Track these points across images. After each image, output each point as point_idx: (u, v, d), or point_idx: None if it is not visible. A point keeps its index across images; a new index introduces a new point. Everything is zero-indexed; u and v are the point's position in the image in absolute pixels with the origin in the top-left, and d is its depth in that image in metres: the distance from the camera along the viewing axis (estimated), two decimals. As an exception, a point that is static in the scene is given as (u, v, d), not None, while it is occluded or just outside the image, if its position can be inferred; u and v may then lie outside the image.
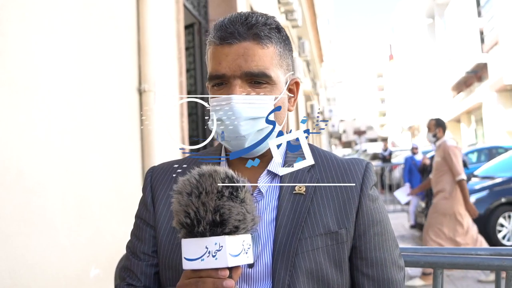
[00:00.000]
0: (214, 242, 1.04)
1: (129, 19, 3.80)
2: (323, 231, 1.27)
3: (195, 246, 1.06)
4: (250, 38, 1.26)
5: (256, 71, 1.25)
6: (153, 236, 1.36)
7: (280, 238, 1.25)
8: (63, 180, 2.75)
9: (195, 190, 1.07)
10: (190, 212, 1.06)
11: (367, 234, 1.31)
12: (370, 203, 1.33)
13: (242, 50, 1.25)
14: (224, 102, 1.25)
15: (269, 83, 1.27)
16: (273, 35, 1.30)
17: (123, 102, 3.62)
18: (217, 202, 1.05)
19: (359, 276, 1.32)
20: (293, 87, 1.38)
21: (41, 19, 2.65)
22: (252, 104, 1.25)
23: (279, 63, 1.30)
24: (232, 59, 1.25)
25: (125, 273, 1.40)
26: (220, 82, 1.28)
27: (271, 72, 1.27)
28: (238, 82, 1.25)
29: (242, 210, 1.07)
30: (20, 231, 2.38)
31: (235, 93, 1.24)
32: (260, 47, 1.27)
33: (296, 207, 1.28)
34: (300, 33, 19.61)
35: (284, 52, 1.33)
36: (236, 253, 1.06)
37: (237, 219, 1.06)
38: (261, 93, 1.26)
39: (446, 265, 1.87)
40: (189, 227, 1.06)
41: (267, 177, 1.34)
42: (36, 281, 2.43)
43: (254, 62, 1.25)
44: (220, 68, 1.27)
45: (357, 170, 1.36)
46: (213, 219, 1.05)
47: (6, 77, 2.36)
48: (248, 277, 1.25)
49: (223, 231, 1.05)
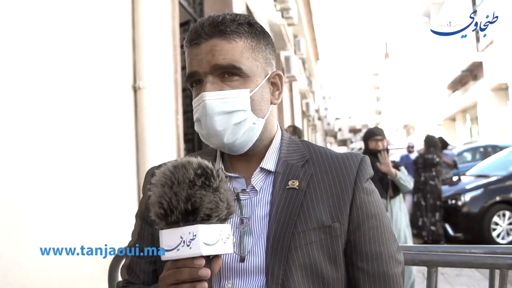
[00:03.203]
0: (188, 231, 1.07)
1: (124, 16, 3.78)
2: (317, 225, 1.26)
3: (171, 236, 1.09)
4: (216, 35, 1.28)
5: (224, 63, 1.27)
6: (151, 234, 1.37)
7: (273, 233, 1.25)
8: (57, 178, 2.74)
9: (168, 181, 1.10)
10: (163, 202, 1.09)
11: (361, 227, 1.31)
12: (365, 196, 1.33)
13: (209, 47, 1.28)
14: (198, 102, 1.29)
15: (240, 75, 1.28)
16: (241, 30, 1.31)
17: (118, 100, 3.60)
18: (188, 191, 1.08)
19: (355, 270, 1.31)
20: (275, 80, 1.38)
21: (34, 15, 2.63)
22: (225, 99, 1.27)
23: (252, 56, 1.31)
24: (201, 57, 1.28)
25: (126, 271, 1.42)
26: (197, 81, 1.31)
27: (241, 64, 1.28)
28: (210, 78, 1.27)
29: (215, 199, 1.10)
30: (13, 229, 2.37)
31: (206, 89, 1.27)
32: (227, 42, 1.28)
33: (290, 201, 1.28)
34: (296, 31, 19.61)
35: (258, 45, 1.33)
36: (211, 242, 1.08)
37: (208, 207, 1.09)
38: (234, 86, 1.28)
39: (440, 263, 1.87)
40: (164, 218, 1.10)
41: (260, 174, 1.34)
42: (29, 279, 2.42)
43: (221, 56, 1.27)
44: (192, 67, 1.30)
45: (351, 163, 1.35)
46: (185, 208, 1.08)
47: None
48: (241, 271, 1.26)
49: (195, 220, 1.08)
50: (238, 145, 1.30)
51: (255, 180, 1.33)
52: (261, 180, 1.34)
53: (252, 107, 1.30)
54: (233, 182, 1.34)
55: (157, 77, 4.21)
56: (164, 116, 4.41)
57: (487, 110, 30.63)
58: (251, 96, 1.29)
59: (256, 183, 1.33)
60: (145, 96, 3.85)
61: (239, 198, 1.30)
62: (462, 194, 9.22)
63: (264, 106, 1.34)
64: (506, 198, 9.15)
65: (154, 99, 4.01)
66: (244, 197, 1.31)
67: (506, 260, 1.78)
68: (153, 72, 4.05)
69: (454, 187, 9.72)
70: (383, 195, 5.03)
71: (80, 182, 2.99)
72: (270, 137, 1.38)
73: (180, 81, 4.82)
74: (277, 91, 1.39)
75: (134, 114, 3.81)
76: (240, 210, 1.30)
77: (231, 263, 1.26)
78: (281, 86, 1.40)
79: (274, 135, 1.40)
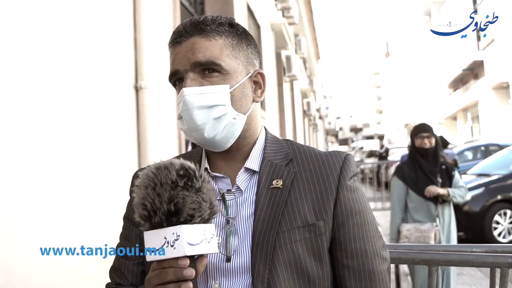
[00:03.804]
0: (172, 231, 1.08)
1: (126, 16, 3.79)
2: (301, 223, 1.27)
3: (155, 237, 1.10)
4: (196, 33, 1.31)
5: (204, 60, 1.29)
6: (139, 235, 1.38)
7: (258, 232, 1.26)
8: (58, 177, 2.75)
9: (151, 182, 1.11)
10: (146, 204, 1.10)
11: (345, 225, 1.31)
12: (349, 193, 1.33)
13: (189, 45, 1.30)
14: (179, 99, 1.31)
15: (220, 71, 1.30)
16: (222, 29, 1.33)
17: (120, 99, 3.61)
18: (171, 192, 1.09)
19: (340, 267, 1.31)
20: (257, 78, 1.40)
21: (36, 15, 2.64)
22: (204, 94, 1.28)
23: (232, 54, 1.33)
24: (182, 55, 1.31)
25: (114, 272, 1.44)
26: (179, 80, 1.34)
27: (221, 61, 1.30)
28: (190, 75, 1.30)
29: (198, 199, 1.10)
30: (15, 227, 2.38)
31: (186, 85, 1.29)
32: (206, 40, 1.31)
33: (274, 200, 1.29)
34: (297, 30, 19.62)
35: (239, 44, 1.35)
36: (195, 242, 1.09)
37: (191, 208, 1.10)
38: (214, 82, 1.30)
39: (441, 262, 1.88)
40: (147, 219, 1.11)
41: (245, 174, 1.35)
42: (31, 277, 2.43)
43: (201, 53, 1.29)
44: (174, 65, 1.34)
45: (335, 161, 1.36)
46: (168, 209, 1.09)
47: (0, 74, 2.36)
48: (227, 271, 1.26)
49: (178, 220, 1.09)
50: (219, 140, 1.31)
51: (240, 180, 1.34)
52: (246, 180, 1.34)
53: (232, 103, 1.31)
54: (218, 182, 1.35)
55: (159, 77, 4.22)
56: (165, 115, 4.42)
57: (488, 109, 30.61)
58: (231, 91, 1.31)
59: (241, 183, 1.34)
60: (146, 96, 3.85)
61: (224, 198, 1.31)
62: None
63: (245, 102, 1.35)
64: (507, 197, 9.15)
65: (155, 99, 4.01)
66: (229, 197, 1.32)
67: (506, 258, 1.79)
68: (155, 72, 4.05)
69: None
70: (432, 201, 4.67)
71: (82, 182, 2.99)
72: (254, 136, 1.39)
73: (182, 81, 4.82)
74: (259, 89, 1.40)
75: (135, 114, 3.82)
76: (225, 210, 1.30)
77: (217, 263, 1.26)
78: (263, 85, 1.41)
79: (259, 134, 1.41)
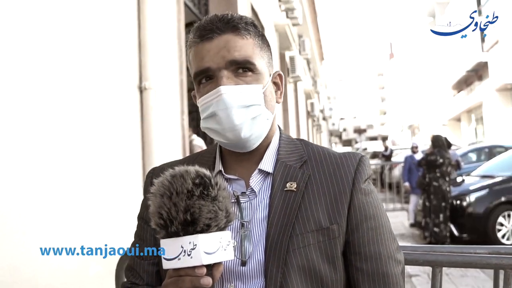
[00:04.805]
0: (188, 241, 1.08)
1: (130, 17, 3.80)
2: (315, 227, 1.26)
3: (171, 246, 1.09)
4: (229, 30, 1.28)
5: (240, 59, 1.27)
6: (153, 235, 1.37)
7: (272, 236, 1.25)
8: (63, 178, 2.76)
9: (167, 191, 1.10)
10: (163, 213, 1.09)
11: (360, 228, 1.30)
12: (363, 197, 1.32)
13: (223, 42, 1.27)
14: (213, 97, 1.26)
15: (253, 71, 1.29)
16: (250, 28, 1.32)
17: (124, 100, 3.62)
18: (187, 202, 1.08)
19: (354, 271, 1.30)
20: (277, 80, 1.40)
21: (41, 16, 2.65)
22: (242, 93, 1.26)
23: (260, 54, 1.32)
24: (215, 52, 1.27)
25: (129, 272, 1.42)
26: (207, 77, 1.29)
27: (255, 60, 1.29)
28: (225, 73, 1.26)
29: (214, 208, 1.09)
30: (20, 228, 2.39)
31: (223, 83, 1.25)
32: (240, 38, 1.29)
33: (288, 204, 1.28)
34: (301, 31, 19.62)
35: (263, 45, 1.35)
36: (211, 251, 1.08)
37: (208, 217, 1.09)
38: (248, 82, 1.28)
39: (445, 264, 1.87)
40: (164, 228, 1.10)
41: (259, 176, 1.34)
42: (36, 278, 2.44)
43: (237, 52, 1.27)
44: (204, 62, 1.28)
45: (349, 164, 1.34)
46: (185, 219, 1.08)
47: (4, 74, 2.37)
48: (241, 275, 1.26)
49: (195, 230, 1.08)
50: (252, 140, 1.30)
51: (253, 182, 1.33)
52: (259, 182, 1.33)
53: (265, 103, 1.30)
54: (232, 184, 1.34)
55: (163, 77, 4.23)
56: (169, 116, 4.42)
57: (492, 111, 30.52)
58: (263, 92, 1.30)
59: (255, 184, 1.33)
60: (151, 97, 3.86)
61: (239, 201, 1.30)
62: (467, 195, 9.18)
63: (273, 103, 1.35)
64: (511, 199, 9.11)
65: (159, 100, 4.02)
66: (244, 200, 1.31)
67: (510, 260, 1.78)
68: (159, 72, 4.06)
69: (459, 187, 9.68)
70: None
71: (86, 181, 3.00)
72: (271, 136, 1.38)
73: (186, 82, 4.83)
74: (278, 91, 1.40)
75: (140, 115, 3.83)
76: (240, 213, 1.29)
77: (232, 267, 1.26)
78: (282, 86, 1.41)
79: (274, 134, 1.40)
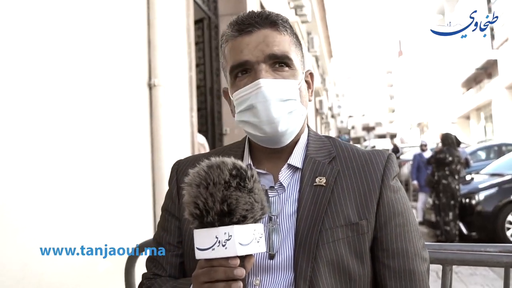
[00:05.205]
0: (223, 231, 1.07)
1: (140, 15, 3.81)
2: (344, 222, 1.27)
3: (206, 236, 1.09)
4: (268, 25, 1.31)
5: (279, 53, 1.29)
6: (178, 227, 1.39)
7: (301, 230, 1.26)
8: (73, 174, 2.77)
9: (203, 181, 1.09)
10: (199, 203, 1.08)
11: (388, 225, 1.31)
12: (392, 194, 1.33)
13: (262, 37, 1.29)
14: (251, 89, 1.28)
15: (290, 67, 1.31)
16: (287, 25, 1.34)
17: (133, 97, 3.63)
18: (224, 193, 1.08)
19: (381, 267, 1.31)
20: (308, 78, 1.42)
21: (51, 15, 2.66)
22: (281, 87, 1.28)
23: (295, 51, 1.35)
24: (254, 46, 1.29)
25: (152, 263, 1.43)
26: (243, 71, 1.31)
27: (292, 56, 1.31)
28: (263, 67, 1.28)
29: (250, 200, 1.09)
30: (30, 224, 2.40)
31: (262, 76, 1.27)
32: (278, 33, 1.31)
33: (317, 199, 1.29)
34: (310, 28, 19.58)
35: (297, 43, 1.37)
36: (246, 242, 1.08)
37: (244, 209, 1.08)
38: (285, 76, 1.30)
39: (455, 262, 1.87)
40: (199, 218, 1.09)
41: (288, 171, 1.36)
42: (46, 274, 2.45)
43: (275, 46, 1.29)
44: (242, 55, 1.30)
45: (378, 161, 1.36)
46: (221, 209, 1.07)
47: (16, 72, 2.38)
48: (269, 268, 1.27)
49: (231, 221, 1.08)
50: (287, 135, 1.32)
51: (282, 177, 1.34)
52: (288, 177, 1.35)
53: (300, 98, 1.33)
54: (261, 179, 1.34)
55: (172, 74, 4.24)
56: (178, 113, 4.44)
57: (501, 109, 30.32)
58: (299, 87, 1.33)
59: (284, 179, 1.34)
60: (160, 94, 3.88)
61: (267, 195, 1.31)
62: (476, 193, 9.15)
63: (307, 99, 1.38)
64: (520, 197, 9.06)
65: (169, 96, 4.03)
66: (272, 194, 1.33)
67: (521, 259, 1.77)
68: (168, 69, 4.07)
69: (468, 185, 9.65)
70: None
71: (96, 178, 3.02)
72: (301, 132, 1.40)
73: (195, 79, 4.84)
74: (309, 89, 1.43)
75: (149, 111, 3.84)
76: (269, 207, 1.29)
77: (260, 260, 1.27)
78: (312, 84, 1.43)
79: (304, 131, 1.42)
